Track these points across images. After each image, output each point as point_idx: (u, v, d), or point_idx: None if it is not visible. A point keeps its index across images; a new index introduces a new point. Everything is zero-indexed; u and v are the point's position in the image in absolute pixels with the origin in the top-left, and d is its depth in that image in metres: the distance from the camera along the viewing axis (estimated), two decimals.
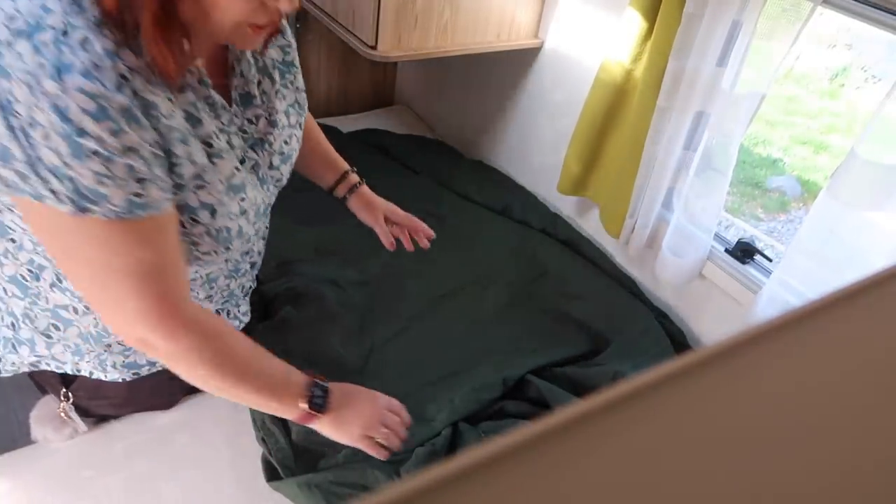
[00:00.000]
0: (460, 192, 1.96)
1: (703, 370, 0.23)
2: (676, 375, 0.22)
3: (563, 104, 1.83)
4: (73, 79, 0.65)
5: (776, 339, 0.24)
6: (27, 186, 0.70)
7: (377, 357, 1.41)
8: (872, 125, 1.11)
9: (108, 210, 0.71)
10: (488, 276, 1.66)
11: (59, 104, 0.65)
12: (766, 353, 0.24)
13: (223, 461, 1.20)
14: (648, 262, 1.67)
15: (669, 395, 0.22)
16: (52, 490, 1.11)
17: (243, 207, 0.89)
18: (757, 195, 3.75)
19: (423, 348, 1.44)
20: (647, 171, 1.52)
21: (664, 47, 1.39)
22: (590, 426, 0.21)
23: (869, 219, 1.16)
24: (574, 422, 0.21)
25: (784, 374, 0.24)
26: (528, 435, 0.20)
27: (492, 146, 2.18)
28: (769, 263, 1.48)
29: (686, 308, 1.64)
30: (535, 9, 1.78)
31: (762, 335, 0.24)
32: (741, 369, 0.23)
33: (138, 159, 0.71)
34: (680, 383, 0.22)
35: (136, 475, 1.15)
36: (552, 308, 1.59)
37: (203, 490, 1.15)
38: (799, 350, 0.24)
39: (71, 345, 0.97)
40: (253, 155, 0.93)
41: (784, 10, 1.20)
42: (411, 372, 1.37)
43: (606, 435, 0.20)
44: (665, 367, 0.22)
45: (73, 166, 0.68)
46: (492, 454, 0.19)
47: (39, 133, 0.66)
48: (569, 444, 0.20)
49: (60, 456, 1.16)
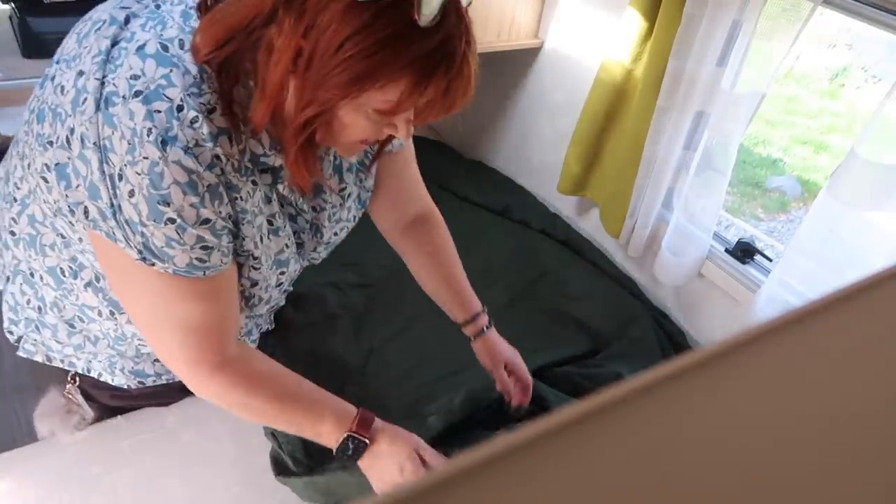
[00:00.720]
0: (459, 193, 1.96)
1: (702, 371, 0.23)
2: (676, 376, 0.22)
3: (564, 104, 1.83)
4: (175, 151, 0.70)
5: (776, 340, 0.24)
6: (104, 225, 0.75)
7: (377, 357, 1.41)
8: (872, 125, 1.11)
9: (171, 267, 0.78)
10: (488, 277, 1.66)
11: (155, 170, 0.70)
12: (766, 354, 0.24)
13: (229, 458, 1.20)
14: (648, 261, 1.67)
15: (669, 395, 0.22)
16: (59, 486, 1.12)
17: (280, 280, 0.96)
18: (757, 195, 3.75)
19: (423, 348, 1.44)
20: (647, 171, 1.52)
21: (664, 47, 1.39)
22: (590, 426, 0.21)
23: (869, 218, 1.16)
24: (574, 422, 0.21)
25: (784, 375, 0.24)
26: (528, 435, 0.20)
27: (492, 146, 2.18)
28: (769, 263, 1.48)
29: (686, 308, 1.64)
30: (535, 9, 1.78)
31: (762, 336, 0.24)
32: (741, 370, 0.23)
33: (209, 232, 0.77)
34: (679, 384, 0.22)
35: (142, 472, 1.15)
36: (552, 308, 1.59)
37: (209, 487, 1.15)
38: (799, 350, 0.24)
39: (91, 337, 1.01)
40: (303, 237, 0.98)
41: (784, 10, 1.20)
42: (411, 372, 1.37)
43: (606, 435, 0.21)
44: (665, 368, 0.22)
45: (149, 226, 0.74)
46: (492, 454, 0.19)
47: (126, 189, 0.72)
48: (568, 445, 0.20)
49: (68, 452, 1.16)
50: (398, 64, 0.69)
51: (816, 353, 0.25)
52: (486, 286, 1.62)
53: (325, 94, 0.71)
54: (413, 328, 1.49)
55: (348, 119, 0.75)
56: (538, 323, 1.55)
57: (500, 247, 1.76)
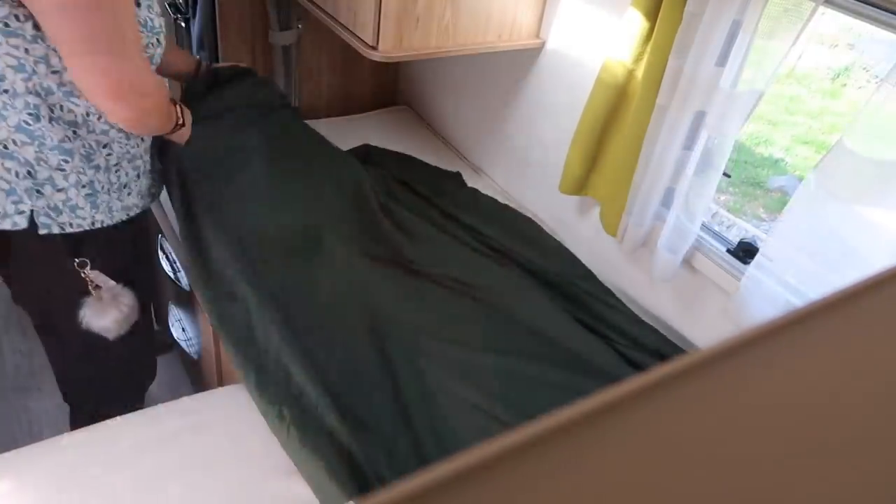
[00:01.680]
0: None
1: (701, 372, 0.23)
2: (675, 377, 0.22)
3: (565, 104, 1.83)
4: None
5: (775, 341, 0.24)
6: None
7: None
8: (860, 118, 1.12)
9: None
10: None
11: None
12: (765, 355, 0.24)
13: (229, 460, 1.20)
14: (644, 260, 1.67)
15: (669, 396, 0.22)
16: (59, 487, 1.12)
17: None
18: (759, 195, 3.75)
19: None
20: (646, 170, 1.52)
21: (665, 47, 1.40)
22: (590, 426, 0.21)
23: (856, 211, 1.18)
24: (574, 422, 0.21)
25: (784, 376, 0.24)
26: (528, 435, 0.20)
27: (493, 146, 2.18)
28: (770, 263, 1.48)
29: (686, 307, 1.64)
30: (536, 9, 1.78)
31: (761, 336, 0.24)
32: (740, 371, 0.23)
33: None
34: (679, 385, 0.22)
35: (142, 473, 1.15)
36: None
37: (209, 489, 1.15)
38: (799, 352, 0.24)
39: (84, 180, 1.26)
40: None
41: (786, 10, 1.20)
42: None
43: (606, 435, 0.20)
44: (664, 369, 0.22)
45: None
46: (492, 454, 0.19)
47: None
48: (568, 445, 0.20)
49: (68, 453, 1.16)
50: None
51: (817, 353, 0.25)
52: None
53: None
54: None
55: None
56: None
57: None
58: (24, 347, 2.18)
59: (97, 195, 1.30)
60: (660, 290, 1.70)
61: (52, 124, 1.16)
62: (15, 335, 2.23)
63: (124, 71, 1.11)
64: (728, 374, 0.23)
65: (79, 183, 1.26)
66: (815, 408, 0.23)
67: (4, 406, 1.86)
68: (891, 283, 0.27)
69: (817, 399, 0.23)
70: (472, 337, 1.41)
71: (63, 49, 1.08)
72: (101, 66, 1.09)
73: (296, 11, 2.13)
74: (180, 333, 1.98)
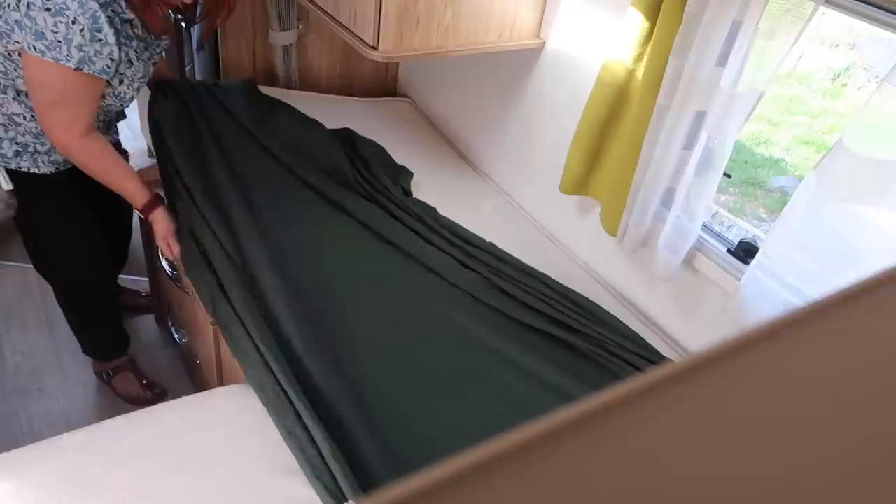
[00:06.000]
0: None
1: (701, 372, 0.23)
2: (675, 377, 0.22)
3: (565, 104, 1.83)
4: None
5: (775, 341, 0.24)
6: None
7: None
8: (860, 118, 1.12)
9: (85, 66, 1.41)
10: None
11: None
12: (765, 356, 0.24)
13: (229, 460, 1.20)
14: (644, 260, 1.67)
15: (668, 397, 0.22)
16: (59, 487, 1.12)
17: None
18: (759, 195, 3.75)
19: None
20: (646, 170, 1.52)
21: (665, 47, 1.40)
22: (589, 427, 0.21)
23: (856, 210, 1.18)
24: (574, 422, 0.21)
25: (784, 376, 0.24)
26: (527, 436, 0.20)
27: (493, 145, 2.18)
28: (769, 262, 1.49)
29: (686, 307, 1.64)
30: (536, 9, 1.78)
31: (761, 337, 0.24)
32: (740, 371, 0.23)
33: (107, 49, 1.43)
34: (678, 385, 0.22)
35: (141, 473, 1.15)
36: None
37: (209, 489, 1.15)
38: (799, 352, 0.24)
39: (19, 140, 1.57)
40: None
41: (786, 10, 1.20)
42: None
43: (606, 435, 0.20)
44: (664, 369, 0.22)
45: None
46: (492, 454, 0.19)
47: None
48: (568, 445, 0.20)
49: (67, 454, 1.16)
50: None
51: (817, 354, 0.25)
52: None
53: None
54: None
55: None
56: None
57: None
58: (24, 347, 2.19)
59: (23, 154, 1.64)
60: (660, 290, 1.70)
61: (14, 102, 1.52)
62: (15, 335, 2.24)
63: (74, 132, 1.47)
64: (728, 374, 0.23)
65: (13, 143, 1.58)
66: (815, 408, 0.23)
67: (4, 406, 1.86)
68: (891, 283, 0.27)
69: (817, 399, 0.23)
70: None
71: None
72: (61, 119, 1.47)
73: (296, 11, 2.13)
74: (181, 335, 1.98)
